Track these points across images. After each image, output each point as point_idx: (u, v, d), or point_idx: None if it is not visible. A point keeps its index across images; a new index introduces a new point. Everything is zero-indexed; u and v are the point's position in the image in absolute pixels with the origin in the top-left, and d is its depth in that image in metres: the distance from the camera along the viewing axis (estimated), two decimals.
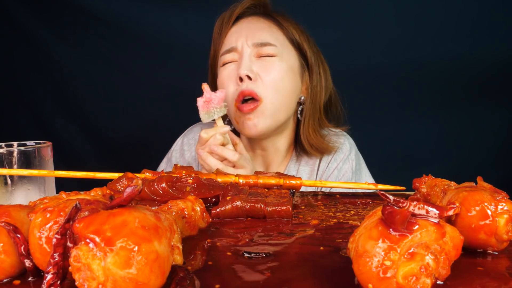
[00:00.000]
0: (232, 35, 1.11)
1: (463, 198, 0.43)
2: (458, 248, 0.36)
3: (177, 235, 0.38)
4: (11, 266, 0.38)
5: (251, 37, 1.07)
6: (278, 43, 1.07)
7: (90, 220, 0.31)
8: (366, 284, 0.32)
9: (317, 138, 1.12)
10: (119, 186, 0.63)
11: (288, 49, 1.10)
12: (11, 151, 0.69)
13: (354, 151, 1.19)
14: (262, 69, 1.05)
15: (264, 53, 1.06)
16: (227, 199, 0.60)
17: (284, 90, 1.06)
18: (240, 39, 1.08)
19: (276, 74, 1.05)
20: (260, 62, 1.06)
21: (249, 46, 1.06)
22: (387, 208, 0.33)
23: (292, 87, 1.09)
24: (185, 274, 0.36)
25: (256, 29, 1.08)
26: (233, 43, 1.09)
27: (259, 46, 1.06)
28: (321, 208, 0.66)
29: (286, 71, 1.07)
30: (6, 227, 0.38)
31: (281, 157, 1.18)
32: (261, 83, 1.04)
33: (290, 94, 1.08)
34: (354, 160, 1.17)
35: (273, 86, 1.04)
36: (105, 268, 0.30)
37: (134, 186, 0.34)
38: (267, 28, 1.09)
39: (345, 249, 0.44)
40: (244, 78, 1.03)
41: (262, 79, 1.04)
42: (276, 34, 1.09)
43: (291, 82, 1.08)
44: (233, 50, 1.08)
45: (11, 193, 0.69)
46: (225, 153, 0.98)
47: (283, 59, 1.07)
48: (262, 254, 0.44)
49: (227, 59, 1.10)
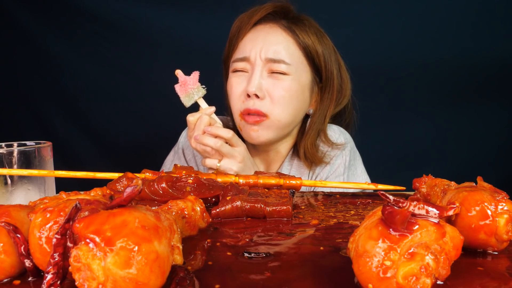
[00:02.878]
0: (247, 43, 1.08)
1: (463, 198, 0.43)
2: (458, 248, 0.36)
3: (177, 235, 0.38)
4: (11, 266, 0.38)
5: (265, 50, 1.04)
6: (293, 61, 1.05)
7: (90, 220, 0.31)
8: (366, 284, 0.32)
9: (313, 151, 1.12)
10: (119, 186, 0.63)
11: (302, 66, 1.07)
12: (11, 151, 0.69)
13: (349, 147, 1.18)
14: (272, 87, 1.03)
15: (276, 69, 1.04)
16: (227, 199, 0.60)
17: (291, 108, 1.05)
18: (254, 49, 1.05)
19: (285, 93, 1.03)
20: (271, 79, 1.04)
21: (262, 60, 1.04)
22: (387, 208, 0.33)
23: (301, 105, 1.08)
24: (185, 274, 0.36)
25: (271, 42, 1.05)
26: (246, 53, 1.06)
27: (272, 62, 1.04)
28: (321, 208, 0.66)
29: (296, 90, 1.05)
30: (6, 227, 0.38)
31: (282, 158, 1.19)
32: (269, 101, 1.03)
33: (298, 111, 1.08)
34: (348, 155, 1.16)
35: (281, 104, 1.03)
36: (105, 268, 0.30)
37: (134, 186, 0.34)
38: (283, 43, 1.06)
39: (345, 249, 0.44)
40: (252, 96, 1.03)
41: (271, 96, 1.03)
42: (292, 49, 1.06)
43: (300, 100, 1.07)
44: (246, 60, 1.06)
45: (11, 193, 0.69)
46: (218, 131, 0.97)
47: (294, 78, 1.05)
48: (262, 254, 0.44)
49: (239, 67, 1.08)
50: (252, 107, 1.03)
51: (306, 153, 1.12)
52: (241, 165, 0.98)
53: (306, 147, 1.12)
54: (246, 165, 1.01)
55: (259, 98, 1.03)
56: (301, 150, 1.13)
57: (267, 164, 1.20)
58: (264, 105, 1.03)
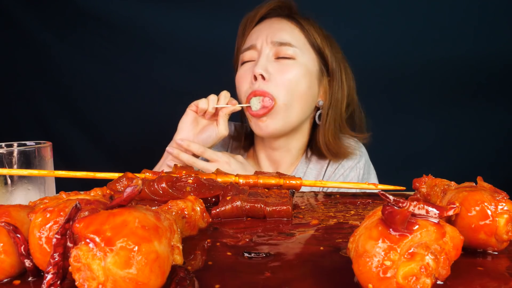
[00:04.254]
0: (253, 34, 1.12)
1: (463, 198, 0.43)
2: (458, 248, 0.36)
3: (177, 235, 0.38)
4: (11, 266, 0.38)
5: (271, 35, 1.07)
6: (298, 45, 1.07)
7: (90, 220, 0.31)
8: (366, 284, 0.32)
9: (336, 143, 1.12)
10: (119, 186, 0.63)
11: (307, 52, 1.09)
12: (11, 151, 0.69)
13: (364, 161, 1.18)
14: (278, 71, 1.04)
15: (282, 54, 1.05)
16: (227, 199, 0.60)
17: (298, 92, 1.06)
18: (260, 37, 1.08)
19: (291, 76, 1.04)
20: (277, 64, 1.06)
21: (268, 44, 1.06)
22: (387, 208, 0.33)
23: (307, 90, 1.08)
24: (185, 274, 0.36)
25: (277, 29, 1.08)
26: (253, 41, 1.10)
27: (278, 45, 1.06)
28: (321, 208, 0.66)
29: (303, 74, 1.06)
30: (6, 227, 0.38)
31: (292, 158, 1.18)
32: (275, 84, 1.04)
33: (305, 97, 1.08)
34: (363, 169, 1.16)
35: (286, 87, 1.04)
36: (105, 268, 0.30)
37: (134, 186, 0.34)
38: (288, 29, 1.09)
39: (345, 249, 0.44)
40: (258, 77, 1.04)
41: (276, 80, 1.04)
42: (297, 35, 1.09)
43: (307, 85, 1.07)
44: (253, 47, 1.09)
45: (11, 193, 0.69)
46: (191, 147, 1.01)
47: (301, 62, 1.06)
48: (262, 254, 0.44)
49: (246, 57, 1.11)
50: (258, 88, 1.04)
51: (329, 145, 1.12)
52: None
53: (328, 140, 1.11)
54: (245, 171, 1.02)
55: (265, 80, 1.04)
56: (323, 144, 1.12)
57: (276, 164, 1.19)
58: (270, 86, 1.03)
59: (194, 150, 1.02)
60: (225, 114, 1.05)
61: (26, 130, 1.92)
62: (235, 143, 1.28)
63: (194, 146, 1.01)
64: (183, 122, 1.08)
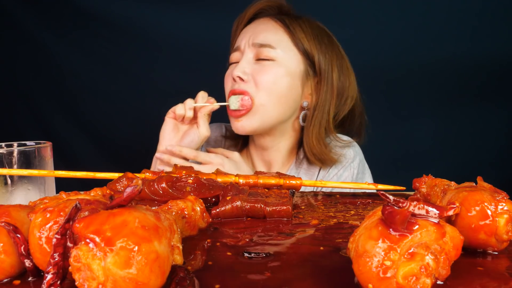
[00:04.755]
0: (240, 36, 1.13)
1: (463, 198, 0.43)
2: (458, 248, 0.36)
3: (177, 235, 0.38)
4: (11, 266, 0.38)
5: (253, 37, 1.08)
6: (280, 46, 1.07)
7: (90, 220, 0.31)
8: (366, 284, 0.32)
9: (320, 148, 1.09)
10: (119, 186, 0.63)
11: (291, 53, 1.08)
12: (11, 151, 0.69)
13: (358, 160, 1.16)
14: (257, 72, 1.05)
15: (262, 55, 1.06)
16: (227, 199, 0.60)
17: (276, 93, 1.05)
18: (244, 39, 1.10)
19: (270, 77, 1.05)
20: (257, 65, 1.07)
21: (250, 46, 1.08)
22: (387, 208, 0.33)
23: (287, 92, 1.07)
24: (185, 274, 0.36)
25: (261, 30, 1.09)
26: (238, 43, 1.12)
27: (259, 46, 1.07)
28: (321, 208, 0.66)
29: (283, 75, 1.06)
30: (6, 227, 0.38)
31: (283, 158, 1.18)
32: (253, 85, 1.05)
33: (284, 98, 1.07)
34: (357, 168, 1.15)
35: (264, 87, 1.05)
36: (105, 268, 0.30)
37: (134, 186, 0.34)
38: (272, 30, 1.09)
39: (345, 249, 0.44)
40: (236, 79, 1.06)
41: (255, 80, 1.05)
42: (280, 36, 1.08)
43: (287, 86, 1.07)
44: (238, 49, 1.11)
45: (11, 193, 0.69)
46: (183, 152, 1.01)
47: (281, 63, 1.06)
48: (262, 254, 0.44)
49: (233, 59, 1.12)
50: (238, 88, 1.06)
51: (313, 149, 1.09)
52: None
53: (312, 142, 1.09)
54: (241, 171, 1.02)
55: (243, 81, 1.05)
56: (306, 146, 1.11)
57: (267, 165, 1.20)
58: (249, 87, 1.05)
59: (187, 155, 1.01)
60: (204, 114, 1.05)
61: (26, 130, 1.92)
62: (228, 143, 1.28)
63: (186, 151, 1.02)
64: (163, 131, 1.09)
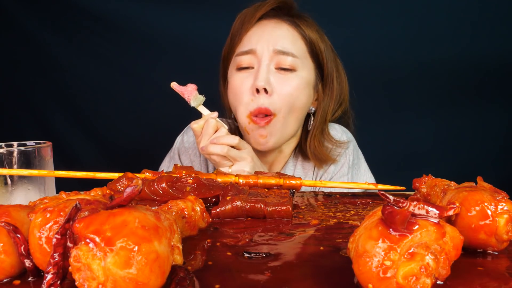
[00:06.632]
0: (252, 36, 1.05)
1: (463, 198, 0.43)
2: (458, 248, 0.36)
3: (177, 235, 0.38)
4: (11, 266, 0.38)
5: (273, 42, 1.02)
6: (299, 54, 1.04)
7: (90, 220, 0.31)
8: (366, 284, 0.32)
9: (321, 149, 1.11)
10: (119, 186, 0.63)
11: (307, 61, 1.07)
12: (11, 151, 0.69)
13: (352, 146, 1.17)
14: (279, 83, 1.01)
15: (283, 64, 1.02)
16: (227, 199, 0.60)
17: (298, 106, 1.04)
18: (261, 42, 1.03)
19: (293, 91, 1.02)
20: (278, 75, 1.02)
21: (270, 52, 1.02)
22: (387, 208, 0.33)
23: (306, 103, 1.07)
24: (185, 274, 0.36)
25: (279, 35, 1.04)
26: (253, 45, 1.04)
27: (280, 54, 1.02)
28: (321, 208, 0.66)
29: (304, 87, 1.04)
30: (6, 227, 0.38)
31: (285, 159, 1.19)
32: (276, 98, 1.01)
33: (302, 109, 1.07)
34: (352, 154, 1.16)
35: (288, 102, 1.02)
36: (105, 268, 0.30)
37: (134, 186, 0.34)
38: (290, 37, 1.05)
39: (345, 249, 0.44)
40: (261, 91, 1.00)
41: (278, 92, 1.01)
42: (298, 43, 1.05)
43: (306, 97, 1.06)
44: (252, 52, 1.04)
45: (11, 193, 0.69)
46: (224, 140, 0.96)
47: (301, 74, 1.04)
48: (262, 254, 0.44)
49: (244, 63, 1.05)
50: (263, 105, 1.00)
51: (315, 152, 1.11)
52: (252, 164, 0.98)
53: (314, 146, 1.11)
54: (256, 165, 1.00)
55: (267, 94, 1.00)
56: (309, 150, 1.11)
57: (269, 165, 1.20)
58: (273, 102, 1.01)
59: (230, 142, 0.97)
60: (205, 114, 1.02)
61: (26, 130, 1.92)
62: None
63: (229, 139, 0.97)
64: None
